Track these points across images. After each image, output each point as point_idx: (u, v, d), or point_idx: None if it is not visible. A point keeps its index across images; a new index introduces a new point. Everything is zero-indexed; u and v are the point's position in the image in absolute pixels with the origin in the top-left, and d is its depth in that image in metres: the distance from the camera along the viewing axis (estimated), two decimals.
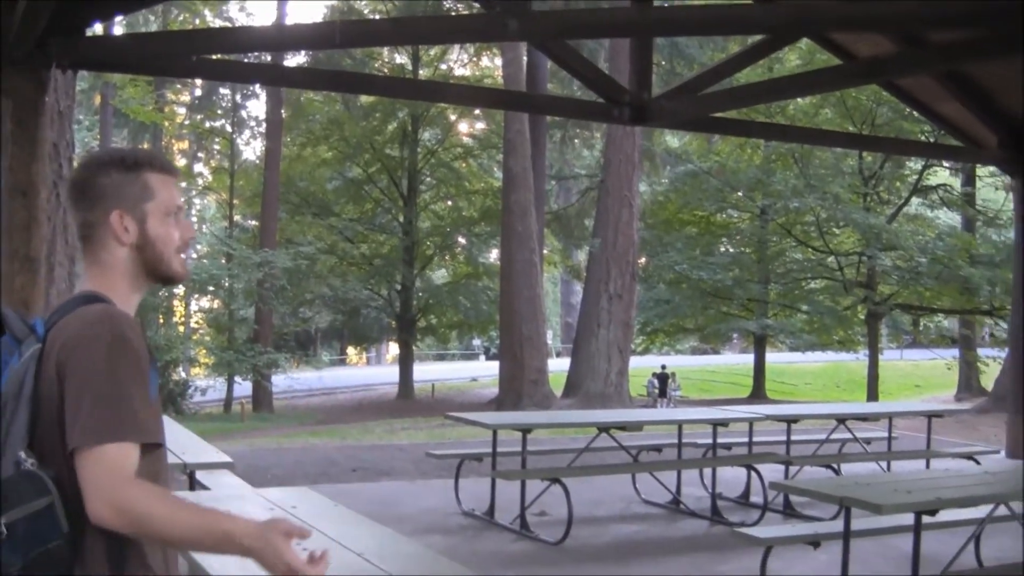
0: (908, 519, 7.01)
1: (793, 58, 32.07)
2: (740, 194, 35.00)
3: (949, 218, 38.81)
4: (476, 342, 64.83)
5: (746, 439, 12.43)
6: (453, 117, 39.13)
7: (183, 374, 36.57)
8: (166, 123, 40.80)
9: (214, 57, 10.16)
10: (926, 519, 6.85)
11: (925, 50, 11.45)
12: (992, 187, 39.85)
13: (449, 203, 41.60)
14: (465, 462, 11.64)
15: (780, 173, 33.09)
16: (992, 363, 34.24)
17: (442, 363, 62.81)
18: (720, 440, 12.22)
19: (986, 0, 8.46)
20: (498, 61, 35.19)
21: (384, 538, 5.58)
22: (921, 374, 46.27)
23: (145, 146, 36.29)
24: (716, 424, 11.94)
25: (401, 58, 39.04)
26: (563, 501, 9.73)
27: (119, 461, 2.33)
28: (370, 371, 55.83)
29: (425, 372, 46.22)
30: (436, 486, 12.42)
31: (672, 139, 40.16)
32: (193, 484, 7.60)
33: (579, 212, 40.64)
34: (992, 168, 31.69)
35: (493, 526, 10.29)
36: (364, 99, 36.06)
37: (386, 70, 38.18)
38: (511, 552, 9.39)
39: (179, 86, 43.66)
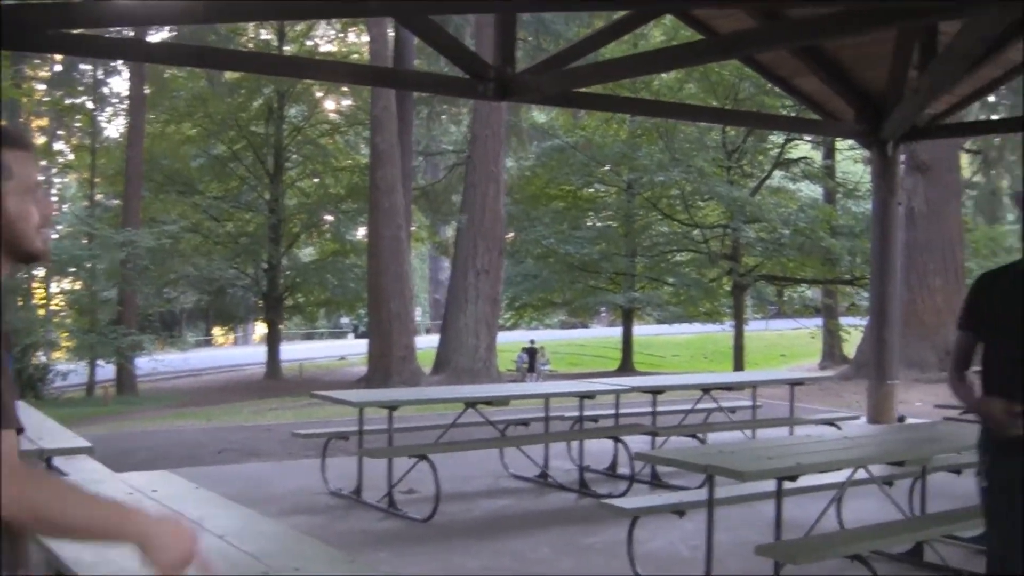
0: (771, 485, 7.11)
1: (658, 34, 32.32)
2: (606, 168, 35.22)
3: (810, 190, 39.46)
4: (345, 320, 64.51)
5: (613, 411, 12.53)
6: (319, 94, 38.80)
7: (43, 358, 35.87)
8: (24, 99, 39.78)
9: (73, 31, 9.96)
10: (788, 484, 6.96)
11: (783, 26, 11.61)
12: (851, 160, 40.59)
13: (316, 180, 41.20)
14: (332, 441, 11.57)
15: (645, 147, 33.36)
16: (854, 331, 34.94)
17: (311, 342, 62.41)
18: (587, 413, 12.28)
19: None
20: (365, 38, 34.95)
21: (247, 519, 5.52)
22: (786, 344, 47.05)
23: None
24: (583, 397, 12.00)
25: (267, 34, 38.61)
26: (431, 478, 9.72)
27: (6, 449, 2.27)
28: (237, 351, 55.26)
29: (293, 351, 45.95)
30: (303, 466, 12.32)
31: (539, 114, 40.24)
32: (50, 470, 7.44)
33: (446, 188, 40.60)
34: (851, 141, 32.32)
35: (360, 505, 10.23)
36: (229, 75, 35.58)
37: (251, 46, 37.71)
38: (378, 530, 9.36)
39: (37, 61, 42.63)
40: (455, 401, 11.95)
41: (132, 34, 26.55)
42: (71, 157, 47.26)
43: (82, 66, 41.93)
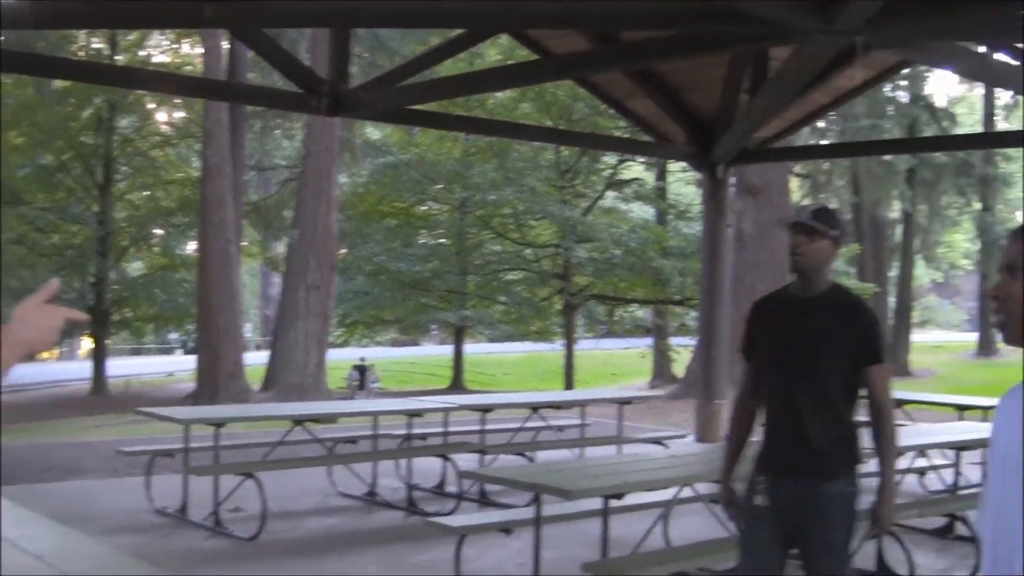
0: (598, 503, 7.15)
1: (493, 54, 32.43)
2: (440, 186, 35.19)
3: (642, 211, 39.93)
4: (173, 336, 63.46)
5: (442, 429, 12.52)
6: (152, 105, 38.13)
7: None
8: None
9: None
10: (615, 503, 7.00)
11: (617, 48, 11.72)
12: (683, 182, 41.24)
13: (146, 193, 40.43)
14: (157, 459, 11.35)
15: (479, 166, 33.40)
16: (683, 351, 35.42)
17: (138, 357, 61.17)
18: (416, 431, 12.26)
19: (673, 2, 8.72)
20: (199, 49, 34.45)
21: (67, 539, 5.39)
22: (616, 363, 47.44)
23: None
24: (411, 415, 11.97)
25: (98, 43, 37.80)
26: (258, 496, 9.59)
27: None
28: (62, 366, 53.86)
29: (120, 367, 44.95)
30: (127, 484, 12.07)
31: (373, 130, 40.07)
32: None
33: (278, 203, 40.15)
34: (683, 163, 32.78)
35: (185, 524, 10.06)
36: (59, 83, 34.78)
37: (82, 54, 36.90)
38: (204, 550, 9.20)
39: None
40: (283, 419, 11.82)
41: None
42: None
43: None
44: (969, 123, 50.54)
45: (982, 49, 10.12)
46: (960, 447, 10.10)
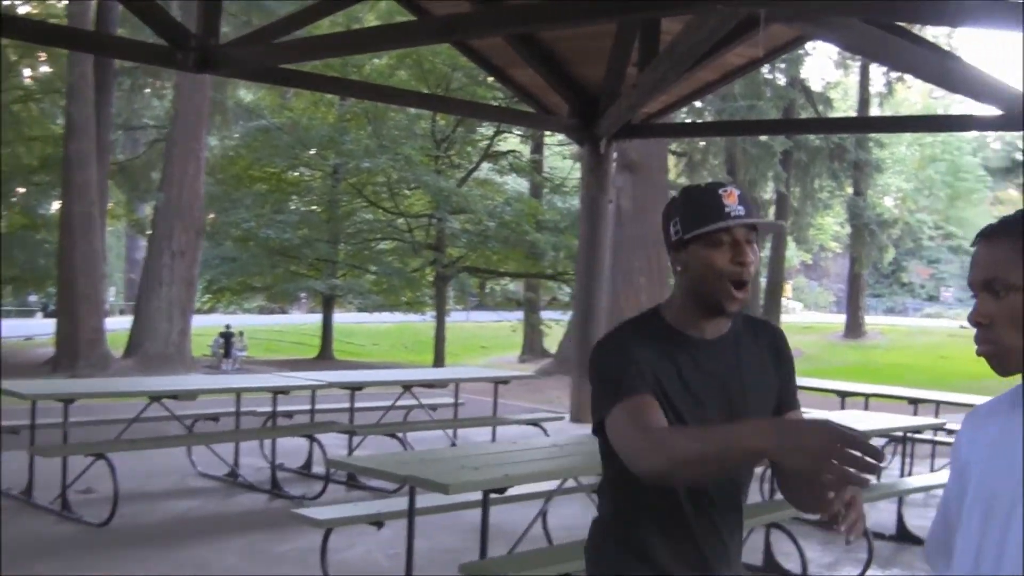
0: (476, 495, 6.71)
1: (372, 18, 31.80)
2: (312, 152, 34.54)
3: (517, 184, 39.62)
4: (33, 298, 61.87)
5: (309, 407, 12.00)
6: (14, 57, 36.86)
7: None
8: None
9: None
10: (495, 495, 6.58)
11: (499, 11, 11.26)
12: (559, 155, 41.03)
13: (7, 150, 39.12)
14: (3, 435, 10.64)
15: (353, 133, 32.82)
16: (555, 326, 35.26)
17: None
18: (282, 408, 11.73)
19: None
20: (65, 0, 33.30)
21: None
22: (487, 335, 47.22)
23: None
24: (277, 392, 11.41)
25: None
26: (110, 477, 8.98)
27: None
28: None
29: None
30: None
31: (245, 93, 39.23)
32: None
33: (146, 164, 39.05)
34: (560, 137, 32.57)
35: (31, 507, 9.40)
36: None
37: None
38: (51, 536, 8.58)
39: None
40: (138, 395, 11.15)
41: None
42: None
43: None
44: (843, 108, 51.12)
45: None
46: None
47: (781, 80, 35.36)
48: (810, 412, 12.16)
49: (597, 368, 2.96)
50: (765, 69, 31.84)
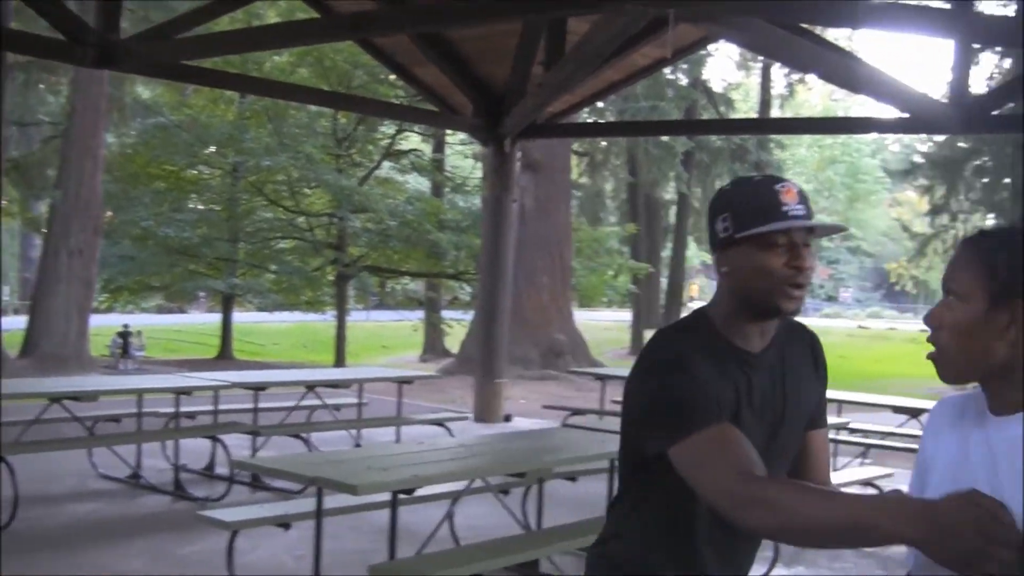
0: (384, 496, 6.68)
1: (273, 15, 31.53)
2: (212, 150, 34.18)
3: (418, 183, 39.54)
4: None
5: (212, 407, 11.86)
6: None
7: None
8: None
9: None
10: (403, 496, 6.56)
11: (404, 10, 11.22)
12: (461, 155, 41.00)
13: None
14: None
15: (254, 131, 32.51)
16: (456, 325, 35.22)
17: None
18: (184, 408, 11.56)
19: None
20: None
21: None
22: (388, 335, 47.03)
23: None
24: (179, 392, 11.26)
25: None
26: (9, 480, 8.82)
27: None
28: None
29: None
30: None
31: (143, 89, 38.73)
32: None
33: (41, 161, 38.41)
34: (462, 136, 32.53)
35: None
36: None
37: None
38: None
39: None
40: (38, 396, 10.94)
41: None
42: None
43: None
44: (744, 109, 51.59)
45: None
46: None
47: (683, 81, 35.57)
48: None
49: (658, 387, 2.64)
50: (667, 70, 32.03)
